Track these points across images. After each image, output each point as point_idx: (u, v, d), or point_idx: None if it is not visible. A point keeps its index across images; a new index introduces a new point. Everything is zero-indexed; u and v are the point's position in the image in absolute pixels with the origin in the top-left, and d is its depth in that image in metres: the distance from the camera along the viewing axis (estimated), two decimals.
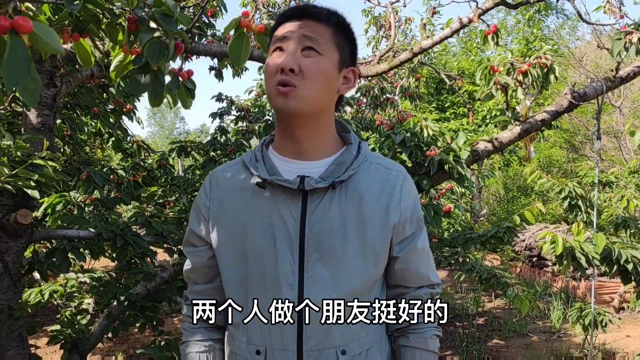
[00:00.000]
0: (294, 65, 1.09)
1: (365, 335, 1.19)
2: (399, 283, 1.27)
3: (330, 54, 1.14)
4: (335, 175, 1.15)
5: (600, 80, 3.05)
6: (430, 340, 1.26)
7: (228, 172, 1.24)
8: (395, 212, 1.18)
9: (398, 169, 1.25)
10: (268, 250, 1.13)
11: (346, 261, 1.14)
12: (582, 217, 4.23)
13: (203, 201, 1.24)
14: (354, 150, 1.21)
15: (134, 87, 1.43)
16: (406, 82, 4.50)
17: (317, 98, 1.13)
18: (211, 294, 1.27)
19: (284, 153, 1.21)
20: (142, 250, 3.25)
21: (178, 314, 6.14)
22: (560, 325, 6.04)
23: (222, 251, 1.20)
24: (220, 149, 5.13)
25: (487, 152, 3.03)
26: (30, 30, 0.81)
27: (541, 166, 12.55)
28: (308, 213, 1.13)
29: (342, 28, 1.19)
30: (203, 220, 1.23)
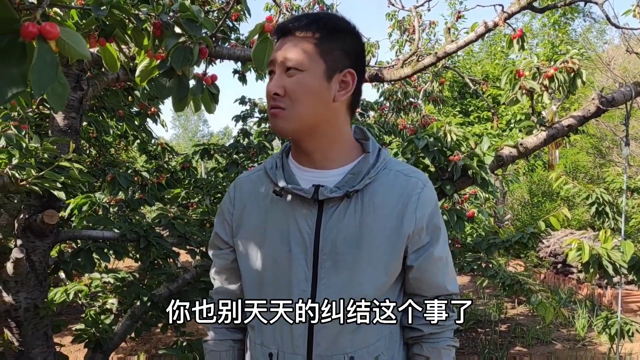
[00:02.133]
0: (277, 89, 1.12)
1: (375, 342, 1.19)
2: (415, 292, 1.26)
3: (313, 67, 1.12)
4: (350, 185, 1.15)
5: (630, 85, 2.99)
6: (443, 350, 1.25)
7: (251, 179, 1.28)
8: (410, 221, 1.17)
9: (418, 176, 1.23)
10: (283, 257, 1.16)
11: (358, 269, 1.14)
12: (609, 223, 4.15)
13: (227, 206, 1.28)
14: (372, 159, 1.20)
15: (159, 92, 1.45)
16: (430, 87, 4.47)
17: (307, 114, 1.13)
18: (233, 295, 1.31)
19: (301, 162, 1.22)
20: (165, 251, 3.28)
21: None
22: (585, 333, 5.92)
23: (242, 255, 1.24)
24: (243, 152, 5.17)
25: (511, 157, 3.00)
26: (57, 36, 0.82)
27: (567, 171, 12.36)
28: (323, 221, 1.15)
29: (326, 33, 1.14)
30: (226, 224, 1.27)
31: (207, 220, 3.98)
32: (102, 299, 3.69)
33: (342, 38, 1.16)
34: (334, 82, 1.15)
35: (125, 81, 3.28)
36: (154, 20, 1.50)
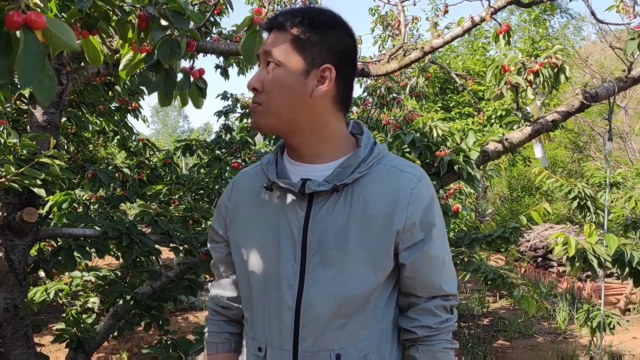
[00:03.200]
0: (255, 84, 1.12)
1: (364, 340, 1.16)
2: (410, 292, 1.22)
3: (290, 62, 1.10)
4: (339, 179, 1.13)
5: (612, 80, 3.01)
6: (439, 354, 1.20)
7: (248, 175, 1.29)
8: (400, 217, 1.13)
9: (413, 171, 1.19)
10: (272, 251, 1.16)
11: (346, 265, 1.12)
12: (591, 217, 4.19)
13: (224, 200, 1.30)
14: (363, 153, 1.17)
15: (145, 86, 1.41)
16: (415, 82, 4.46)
17: (283, 110, 1.12)
18: (230, 288, 1.34)
19: (292, 157, 1.21)
20: (148, 249, 3.23)
21: (183, 313, 6.13)
22: (566, 326, 6.01)
23: (234, 249, 1.25)
24: (226, 148, 5.11)
25: (497, 152, 3.00)
26: (44, 26, 0.78)
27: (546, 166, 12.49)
28: (311, 216, 1.13)
29: (306, 28, 1.11)
30: (222, 218, 1.29)
31: (190, 217, 3.93)
32: (83, 298, 3.62)
33: (324, 33, 1.12)
34: (310, 78, 1.11)
35: (106, 75, 3.21)
36: (139, 12, 1.46)
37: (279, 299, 1.15)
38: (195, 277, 3.60)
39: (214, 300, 1.38)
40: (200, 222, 4.01)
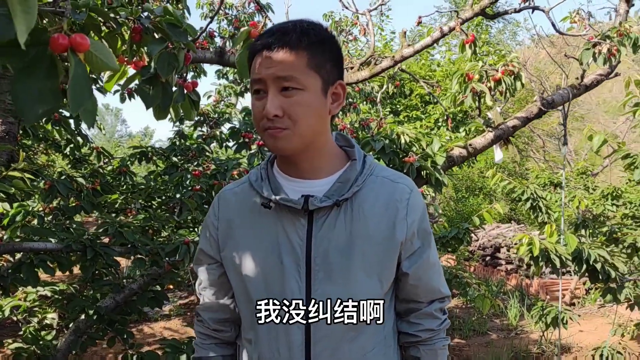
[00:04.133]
0: (276, 111, 1.06)
1: (371, 349, 1.19)
2: (411, 298, 1.26)
3: (311, 84, 1.09)
4: (339, 193, 1.14)
5: (567, 88, 3.17)
6: (440, 351, 1.27)
7: (235, 192, 1.25)
8: (402, 228, 1.17)
9: (404, 182, 1.22)
10: (275, 269, 1.14)
11: (352, 279, 1.13)
12: (542, 217, 4.38)
13: (212, 221, 1.25)
14: (359, 166, 1.19)
15: (143, 100, 1.38)
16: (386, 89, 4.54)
17: (309, 132, 1.11)
18: (222, 310, 1.29)
19: (287, 172, 1.19)
20: (109, 261, 3.15)
21: (137, 324, 5.97)
22: (517, 322, 6.23)
23: (231, 269, 1.22)
24: (182, 154, 5.03)
25: (461, 157, 3.10)
26: (87, 48, 0.77)
27: (488, 167, 12.93)
28: (314, 232, 1.13)
29: (317, 46, 1.10)
30: (212, 239, 1.25)
31: (150, 227, 3.86)
32: (40, 314, 3.49)
33: (329, 49, 1.13)
34: (329, 96, 1.13)
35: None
36: (133, 25, 1.43)
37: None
38: (160, 288, 3.53)
39: (204, 323, 1.31)
40: (160, 231, 3.94)
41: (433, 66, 11.15)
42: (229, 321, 1.30)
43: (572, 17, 3.17)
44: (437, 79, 9.72)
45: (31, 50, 0.72)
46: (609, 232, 4.34)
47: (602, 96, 15.76)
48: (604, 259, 3.04)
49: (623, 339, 5.44)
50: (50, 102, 0.72)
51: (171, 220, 4.03)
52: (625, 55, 2.96)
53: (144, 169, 9.16)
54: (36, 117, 0.71)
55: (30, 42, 0.72)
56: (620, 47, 2.81)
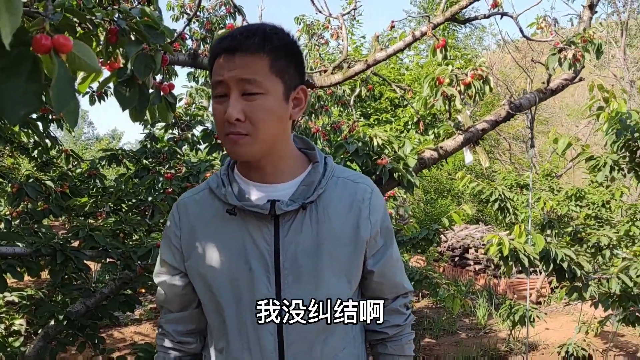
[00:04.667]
0: (238, 115, 1.05)
1: (342, 349, 1.21)
2: (376, 295, 1.28)
3: (273, 88, 1.08)
4: (304, 196, 1.14)
5: (534, 92, 3.25)
6: (406, 345, 1.32)
7: (196, 200, 1.22)
8: (366, 227, 1.19)
9: (365, 182, 1.24)
10: (243, 276, 1.13)
11: (321, 281, 1.14)
12: (510, 218, 4.47)
13: (173, 230, 1.21)
14: (321, 168, 1.20)
15: (120, 102, 1.38)
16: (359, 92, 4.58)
17: (270, 137, 1.10)
18: (187, 321, 1.27)
19: (250, 177, 1.18)
20: (79, 265, 3.10)
21: (107, 329, 5.88)
22: (485, 321, 6.34)
23: (197, 279, 1.19)
24: (153, 157, 4.97)
25: (432, 160, 3.15)
26: (70, 48, 0.77)
27: (456, 169, 13.12)
28: (281, 236, 1.13)
29: (280, 50, 1.09)
30: (174, 249, 1.21)
31: (121, 230, 3.81)
32: (8, 320, 3.41)
33: (292, 53, 1.13)
34: (290, 101, 1.13)
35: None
36: (109, 26, 1.42)
37: (256, 323, 1.12)
38: (133, 291, 3.49)
39: (167, 337, 1.28)
40: (132, 234, 3.90)
41: (402, 70, 11.27)
42: (195, 332, 1.28)
43: (538, 23, 3.26)
44: (406, 82, 9.83)
45: (13, 50, 0.72)
46: (573, 232, 4.46)
47: (565, 100, 16.17)
48: (570, 258, 3.13)
49: (587, 336, 5.59)
50: (34, 103, 0.72)
51: (143, 224, 3.98)
52: (589, 60, 3.06)
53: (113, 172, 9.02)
54: (19, 118, 0.71)
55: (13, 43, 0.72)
56: (584, 52, 2.91)
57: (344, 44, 2.98)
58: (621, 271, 3.24)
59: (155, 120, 1.55)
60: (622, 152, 3.40)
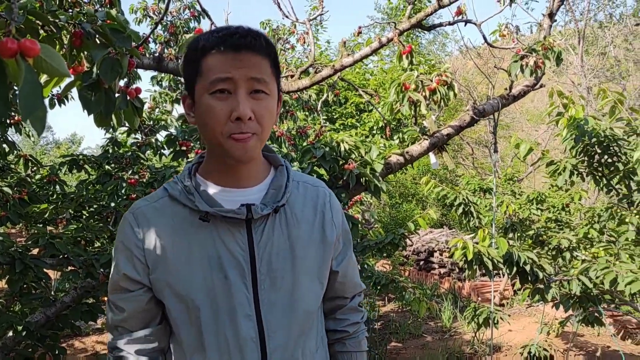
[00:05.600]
0: (251, 112, 1.04)
1: (315, 350, 1.22)
2: (338, 295, 1.32)
3: (273, 91, 1.10)
4: (274, 200, 1.14)
5: (497, 98, 3.31)
6: (362, 341, 1.37)
7: (156, 208, 1.15)
8: (331, 229, 1.22)
9: (322, 185, 1.28)
10: (219, 284, 1.09)
11: (297, 283, 1.14)
12: (473, 222, 4.54)
13: (133, 241, 1.12)
14: (285, 172, 1.21)
15: (85, 107, 1.34)
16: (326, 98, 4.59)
17: (266, 138, 1.12)
18: (150, 340, 1.17)
19: (219, 182, 1.15)
20: (39, 274, 3.02)
21: (67, 339, 5.73)
22: (450, 324, 6.42)
23: (166, 293, 1.11)
24: (115, 162, 4.88)
25: (399, 164, 3.18)
26: (38, 52, 0.75)
27: (420, 174, 13.28)
28: (255, 241, 1.11)
29: (276, 56, 1.12)
30: (136, 261, 1.12)
31: (82, 238, 3.72)
32: None
33: (276, 57, 1.13)
34: (278, 105, 1.15)
35: None
36: (73, 29, 1.39)
37: (237, 333, 1.09)
38: (95, 300, 3.41)
39: (130, 358, 1.15)
40: (94, 242, 3.82)
41: (367, 75, 11.36)
42: (157, 351, 1.18)
43: (500, 30, 3.34)
44: (371, 87, 9.91)
45: None
46: (535, 235, 4.56)
47: (526, 106, 16.56)
48: (533, 261, 3.20)
49: (549, 337, 5.72)
50: (1, 109, 0.70)
51: (105, 230, 3.90)
52: (550, 67, 3.14)
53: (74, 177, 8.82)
54: None
55: None
56: (545, 59, 2.98)
57: (311, 49, 2.99)
58: (581, 273, 3.32)
59: (121, 125, 1.52)
60: (581, 157, 3.50)
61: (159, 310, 1.16)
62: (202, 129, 1.09)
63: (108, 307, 1.18)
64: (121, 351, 1.16)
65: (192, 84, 1.09)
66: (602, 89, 3.51)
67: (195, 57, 1.07)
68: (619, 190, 3.71)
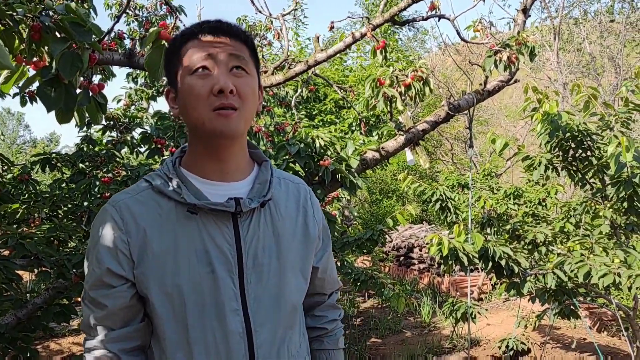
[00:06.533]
0: (232, 86, 1.05)
1: (299, 345, 1.22)
2: (317, 291, 1.33)
3: (253, 72, 1.13)
4: (261, 194, 1.14)
5: (472, 93, 3.32)
6: (340, 339, 1.38)
7: (139, 200, 1.12)
8: (314, 225, 1.23)
9: (302, 182, 1.31)
10: (205, 279, 1.07)
11: (282, 278, 1.14)
12: (451, 217, 4.56)
13: (117, 235, 1.08)
14: (270, 167, 1.22)
15: (45, 102, 1.30)
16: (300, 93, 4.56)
17: (249, 119, 1.13)
18: (133, 337, 1.13)
19: (206, 175, 1.14)
20: (10, 275, 2.95)
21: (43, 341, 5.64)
22: (430, 319, 6.45)
23: (151, 287, 1.08)
24: (89, 160, 4.80)
25: (374, 160, 3.17)
26: None
27: (400, 170, 13.31)
28: (241, 235, 1.10)
29: (254, 49, 1.17)
30: (121, 255, 1.08)
31: (56, 237, 3.66)
32: None
33: (254, 46, 1.17)
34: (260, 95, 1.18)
35: None
36: (32, 23, 1.35)
37: (223, 327, 1.07)
38: (68, 301, 3.35)
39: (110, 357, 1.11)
40: (67, 242, 3.76)
41: (346, 72, 11.36)
42: (139, 348, 1.15)
43: (475, 26, 3.35)
44: (350, 84, 9.90)
45: None
46: (511, 230, 4.59)
47: (504, 102, 16.72)
48: (508, 256, 3.21)
49: (526, 330, 5.78)
50: None
51: (79, 230, 3.83)
52: (524, 62, 3.15)
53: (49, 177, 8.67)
54: None
55: None
56: (519, 55, 3.00)
57: (285, 44, 2.96)
58: (556, 267, 3.35)
59: (85, 122, 1.49)
60: (556, 152, 3.53)
61: (141, 307, 1.13)
62: (185, 111, 1.10)
63: (85, 305, 1.12)
64: (101, 350, 1.11)
65: (174, 74, 1.12)
66: (577, 84, 3.54)
67: (175, 47, 1.12)
68: (593, 184, 3.74)
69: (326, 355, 1.34)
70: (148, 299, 1.09)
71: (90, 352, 1.12)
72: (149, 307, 1.11)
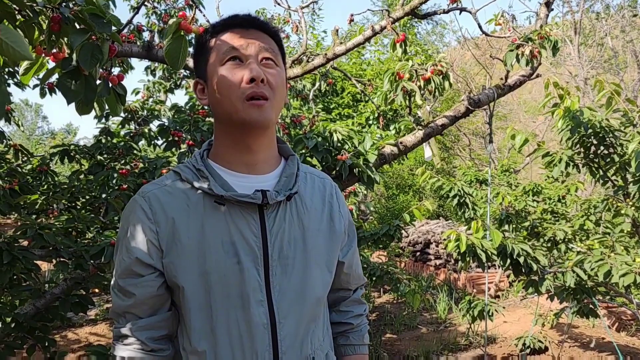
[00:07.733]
0: (264, 76, 1.09)
1: (323, 338, 1.22)
2: (343, 286, 1.33)
3: (281, 65, 1.17)
4: (287, 188, 1.16)
5: (492, 88, 3.27)
6: (365, 335, 1.38)
7: (168, 191, 1.14)
8: (340, 220, 1.24)
9: (327, 177, 1.32)
10: (232, 269, 1.08)
11: (307, 271, 1.15)
12: (469, 213, 4.51)
13: (147, 225, 1.11)
14: (296, 161, 1.23)
15: (65, 94, 1.30)
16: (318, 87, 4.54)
17: (279, 108, 1.15)
18: (160, 326, 1.15)
19: (233, 167, 1.15)
20: (29, 265, 2.99)
21: (61, 330, 5.71)
22: (446, 316, 6.41)
23: (180, 276, 1.09)
24: (107, 153, 4.83)
25: (393, 155, 3.14)
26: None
27: (417, 165, 13.24)
28: (267, 227, 1.12)
29: (281, 41, 1.21)
30: (151, 245, 1.10)
31: (74, 228, 3.68)
32: None
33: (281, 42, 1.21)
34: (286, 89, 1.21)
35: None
36: (51, 14, 1.34)
37: (248, 318, 1.08)
38: (85, 292, 3.37)
39: (135, 346, 1.13)
40: (85, 233, 3.78)
41: (363, 65, 11.30)
42: (166, 337, 1.16)
43: (497, 19, 3.29)
44: (367, 78, 9.85)
45: None
46: (530, 227, 4.54)
47: (523, 97, 16.52)
48: (527, 253, 3.17)
49: (544, 328, 5.72)
50: None
51: (96, 221, 3.86)
52: (546, 57, 3.10)
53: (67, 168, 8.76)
54: None
55: None
56: (541, 49, 2.94)
57: (303, 37, 2.93)
58: (576, 265, 3.30)
59: (104, 113, 1.48)
60: (577, 148, 3.47)
61: (168, 296, 1.15)
62: (217, 101, 1.13)
63: (114, 293, 1.15)
64: (129, 338, 1.13)
65: (203, 65, 1.16)
66: (599, 81, 3.47)
67: (204, 39, 1.16)
68: (615, 181, 3.68)
69: (352, 350, 1.34)
70: (175, 288, 1.12)
71: (119, 340, 1.15)
72: (175, 296, 1.14)
